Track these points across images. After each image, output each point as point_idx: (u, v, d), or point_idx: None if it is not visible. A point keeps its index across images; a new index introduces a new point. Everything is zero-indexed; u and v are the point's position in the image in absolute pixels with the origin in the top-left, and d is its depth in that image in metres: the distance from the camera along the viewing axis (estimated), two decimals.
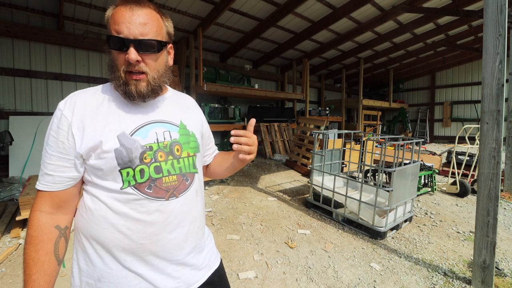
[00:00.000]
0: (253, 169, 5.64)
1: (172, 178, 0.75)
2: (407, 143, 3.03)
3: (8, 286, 1.95)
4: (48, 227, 0.68)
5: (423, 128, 12.90)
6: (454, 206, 3.81)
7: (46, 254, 0.66)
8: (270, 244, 2.63)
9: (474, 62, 11.19)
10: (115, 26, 0.67)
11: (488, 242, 1.93)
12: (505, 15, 1.85)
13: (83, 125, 0.69)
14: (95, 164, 0.69)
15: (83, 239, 0.73)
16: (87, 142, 0.68)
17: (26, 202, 2.65)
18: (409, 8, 5.69)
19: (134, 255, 0.72)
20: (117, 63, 0.70)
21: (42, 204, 0.69)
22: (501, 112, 1.88)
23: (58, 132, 0.68)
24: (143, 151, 0.71)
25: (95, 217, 0.71)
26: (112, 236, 0.70)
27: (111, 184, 0.70)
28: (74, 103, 0.71)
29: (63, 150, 0.68)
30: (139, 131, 0.73)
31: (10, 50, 4.74)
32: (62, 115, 0.69)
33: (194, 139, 0.84)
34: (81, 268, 0.73)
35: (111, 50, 0.70)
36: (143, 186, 0.71)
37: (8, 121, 4.51)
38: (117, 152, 0.68)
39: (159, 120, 0.78)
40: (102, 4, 4.94)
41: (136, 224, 0.71)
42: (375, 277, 2.14)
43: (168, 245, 0.75)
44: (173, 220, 0.75)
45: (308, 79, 8.98)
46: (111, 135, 0.69)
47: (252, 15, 6.05)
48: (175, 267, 0.77)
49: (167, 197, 0.74)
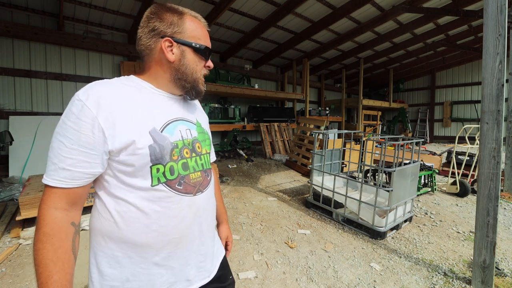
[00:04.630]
0: (253, 169, 5.64)
1: (197, 175, 0.80)
2: (407, 143, 3.03)
3: (8, 286, 1.95)
4: (64, 224, 0.65)
5: (423, 128, 12.90)
6: (454, 206, 3.81)
7: (65, 252, 0.63)
8: (270, 244, 2.63)
9: (474, 62, 11.19)
10: (204, 38, 0.80)
11: (488, 242, 1.93)
12: (505, 15, 1.85)
13: (113, 119, 0.66)
14: (126, 160, 0.68)
15: (108, 243, 0.71)
16: (120, 138, 0.66)
17: (26, 202, 2.65)
18: (409, 8, 5.69)
19: (166, 251, 0.74)
20: (198, 67, 0.81)
21: (57, 201, 0.65)
22: (501, 112, 1.88)
23: (79, 124, 0.63)
24: (172, 148, 0.74)
25: (125, 219, 0.70)
26: (144, 236, 0.70)
27: (140, 182, 0.70)
28: (98, 94, 0.66)
29: (87, 144, 0.64)
30: (167, 128, 0.75)
31: (10, 50, 4.74)
32: (84, 105, 0.64)
33: (208, 137, 0.91)
34: (103, 272, 0.71)
35: (194, 54, 0.79)
36: (173, 182, 0.74)
37: (8, 121, 4.51)
38: (151, 148, 0.69)
39: (181, 118, 0.81)
40: (102, 4, 4.94)
41: (169, 221, 0.73)
42: (375, 277, 2.14)
43: (197, 237, 0.80)
44: (201, 213, 0.81)
45: (308, 79, 8.98)
46: (144, 130, 0.70)
47: (252, 15, 6.05)
48: (200, 257, 0.82)
49: (194, 192, 0.78)
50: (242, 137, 7.27)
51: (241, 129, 6.99)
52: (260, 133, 7.02)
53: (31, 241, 2.54)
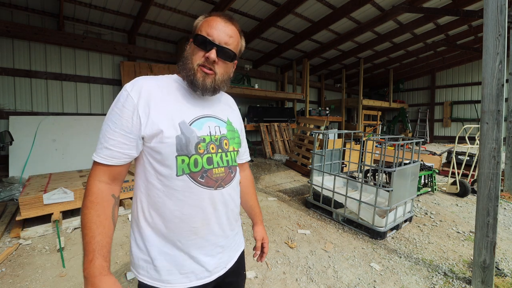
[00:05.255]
0: (253, 169, 5.64)
1: (220, 170, 0.84)
2: (407, 143, 3.03)
3: (8, 286, 1.95)
4: (107, 195, 0.75)
5: (423, 128, 12.89)
6: (454, 206, 3.81)
7: (106, 218, 0.72)
8: (270, 244, 2.63)
9: (474, 62, 11.19)
10: (208, 29, 0.79)
11: (488, 242, 1.93)
12: (505, 15, 1.85)
13: (148, 109, 0.75)
14: (156, 147, 0.76)
15: (142, 223, 0.81)
16: (151, 126, 0.75)
17: (26, 202, 2.65)
18: (409, 8, 5.69)
19: (187, 238, 0.80)
20: (194, 57, 0.80)
21: (101, 175, 0.75)
22: (501, 112, 1.88)
23: (122, 111, 0.74)
24: (198, 142, 0.79)
25: (155, 203, 0.79)
26: (169, 220, 0.78)
27: (167, 170, 0.77)
28: (141, 87, 0.77)
29: (127, 128, 0.74)
30: (196, 122, 0.81)
31: (10, 50, 4.74)
32: (129, 95, 0.75)
33: (238, 135, 0.94)
34: (140, 247, 0.80)
35: (194, 45, 0.81)
36: (197, 175, 0.79)
37: (8, 121, 4.50)
38: (178, 138, 0.76)
39: (211, 115, 0.87)
40: (102, 4, 4.94)
41: (190, 210, 0.79)
42: (375, 277, 2.14)
43: (216, 229, 0.85)
44: (220, 207, 0.84)
45: (308, 79, 8.98)
46: (174, 122, 0.77)
47: (252, 15, 6.05)
48: (219, 249, 0.87)
49: (215, 186, 0.82)
50: None
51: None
52: (260, 133, 7.02)
53: (31, 241, 2.54)
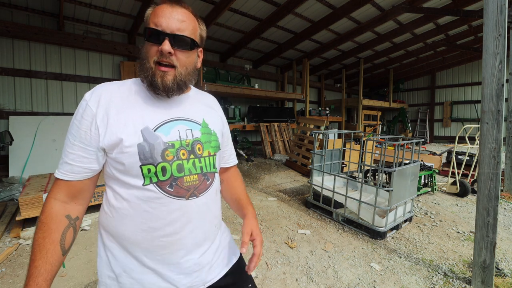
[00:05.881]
0: (253, 169, 5.64)
1: (193, 178, 0.75)
2: (407, 143, 3.03)
3: (8, 286, 1.95)
4: (58, 215, 0.68)
5: (423, 128, 12.89)
6: (454, 206, 3.81)
7: (52, 242, 0.66)
8: (270, 244, 2.63)
9: (474, 62, 11.18)
10: (155, 19, 0.70)
11: (488, 242, 1.93)
12: (505, 15, 1.85)
13: (107, 117, 0.69)
14: (117, 158, 0.69)
15: (107, 235, 0.75)
16: (110, 135, 0.68)
17: (26, 202, 2.65)
18: (409, 8, 5.69)
19: (155, 253, 0.72)
20: (149, 54, 0.71)
21: (57, 192, 0.70)
22: (501, 112, 1.88)
23: (81, 122, 0.69)
24: (165, 148, 0.71)
25: (120, 215, 0.72)
26: (135, 234, 0.71)
27: (133, 180, 0.70)
28: (100, 94, 0.71)
29: (85, 140, 0.68)
30: (162, 127, 0.73)
31: (10, 50, 4.74)
32: (87, 105, 0.69)
33: (215, 138, 0.85)
34: (104, 261, 0.75)
35: (146, 42, 0.72)
36: (165, 184, 0.71)
37: (8, 121, 4.50)
38: (140, 147, 0.68)
39: (182, 118, 0.78)
40: (102, 4, 4.94)
41: (157, 223, 0.71)
42: (375, 277, 2.14)
43: (188, 243, 0.76)
44: (193, 219, 0.76)
45: (308, 79, 8.97)
46: (135, 129, 0.69)
47: (252, 15, 6.05)
48: (194, 266, 0.78)
49: (187, 196, 0.74)
50: (242, 137, 7.27)
51: (241, 129, 6.99)
52: (260, 133, 7.02)
53: (31, 241, 2.54)
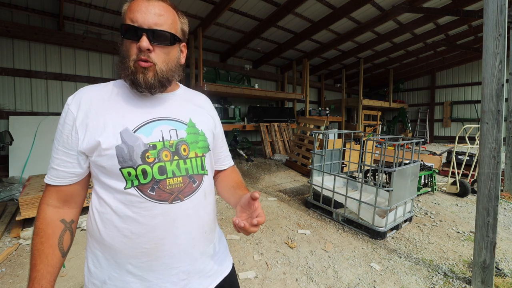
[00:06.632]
0: (253, 169, 5.64)
1: (177, 180, 0.71)
2: (407, 143, 3.03)
3: (8, 286, 1.95)
4: (53, 220, 0.70)
5: (423, 128, 12.89)
6: (454, 206, 3.81)
7: (50, 246, 0.68)
8: (270, 244, 2.63)
9: (474, 62, 11.18)
10: (130, 15, 0.67)
11: (488, 242, 1.93)
12: (505, 15, 1.85)
13: (87, 120, 0.67)
14: (97, 161, 0.68)
15: (92, 241, 0.74)
16: (88, 139, 0.67)
17: (26, 202, 2.65)
18: (409, 8, 5.69)
19: (138, 260, 0.69)
20: (129, 53, 0.68)
21: (49, 198, 0.71)
22: (501, 112, 1.88)
23: (64, 127, 0.69)
24: (145, 150, 0.68)
25: (102, 220, 0.70)
26: (117, 240, 0.69)
27: (115, 183, 0.68)
28: (80, 97, 0.70)
29: (67, 145, 0.69)
30: (142, 128, 0.70)
31: (10, 50, 4.74)
32: (69, 109, 0.69)
33: (204, 139, 0.79)
34: (90, 269, 0.74)
35: (124, 40, 0.68)
36: (146, 187, 0.68)
37: (8, 121, 4.51)
38: (118, 149, 0.66)
39: (166, 117, 0.74)
40: (102, 4, 4.94)
41: (140, 228, 0.68)
42: (375, 277, 2.14)
43: (174, 250, 0.71)
44: (178, 225, 0.71)
45: (308, 79, 8.98)
46: (114, 131, 0.67)
47: (252, 15, 6.05)
48: (182, 274, 0.73)
49: (170, 200, 0.70)
50: (242, 137, 7.27)
51: (241, 129, 6.99)
52: (260, 133, 7.02)
53: (30, 241, 2.54)
